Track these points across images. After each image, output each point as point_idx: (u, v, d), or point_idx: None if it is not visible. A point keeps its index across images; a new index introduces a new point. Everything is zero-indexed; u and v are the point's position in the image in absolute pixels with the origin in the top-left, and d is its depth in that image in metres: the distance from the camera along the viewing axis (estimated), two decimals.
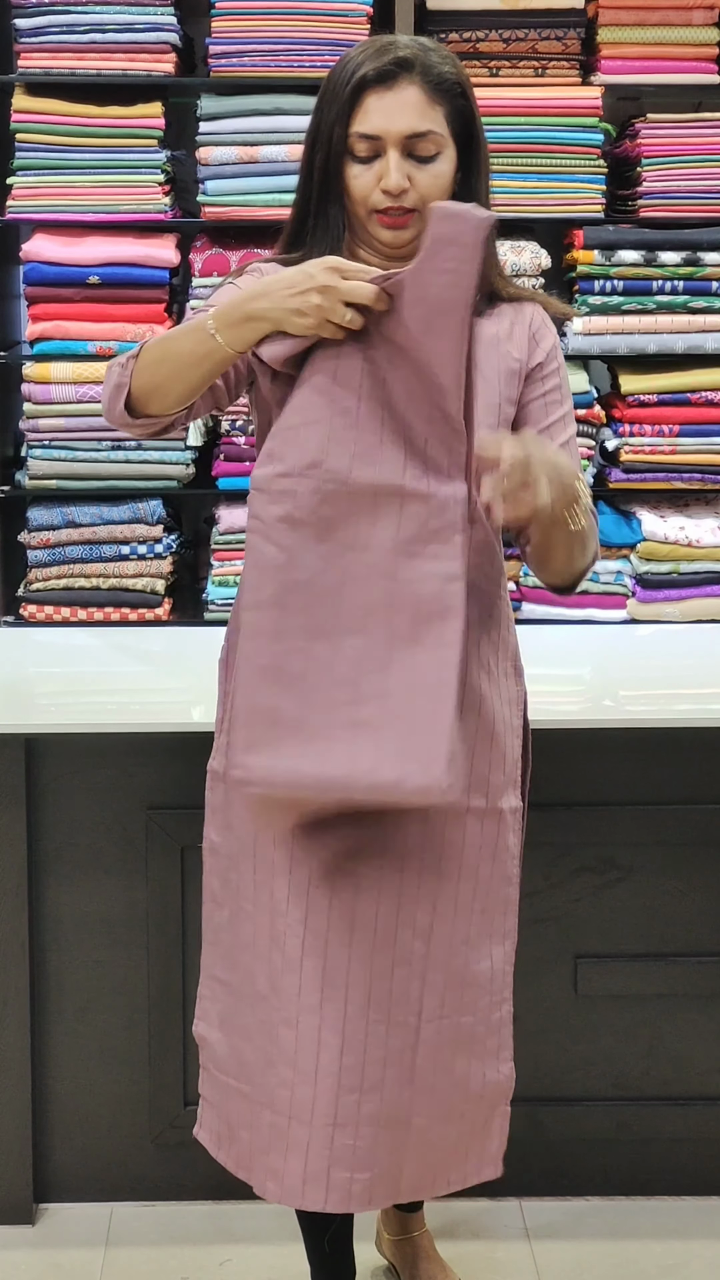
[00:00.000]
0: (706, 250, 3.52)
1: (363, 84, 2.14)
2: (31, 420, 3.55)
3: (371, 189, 2.17)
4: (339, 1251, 2.60)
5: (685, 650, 3.46)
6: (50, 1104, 3.03)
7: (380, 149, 2.16)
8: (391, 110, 2.14)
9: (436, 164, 2.18)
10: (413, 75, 2.15)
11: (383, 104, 2.14)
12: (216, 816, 2.40)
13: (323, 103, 2.20)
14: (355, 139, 2.16)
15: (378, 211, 2.18)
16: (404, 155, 2.15)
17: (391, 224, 2.19)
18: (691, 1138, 3.09)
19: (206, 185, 3.51)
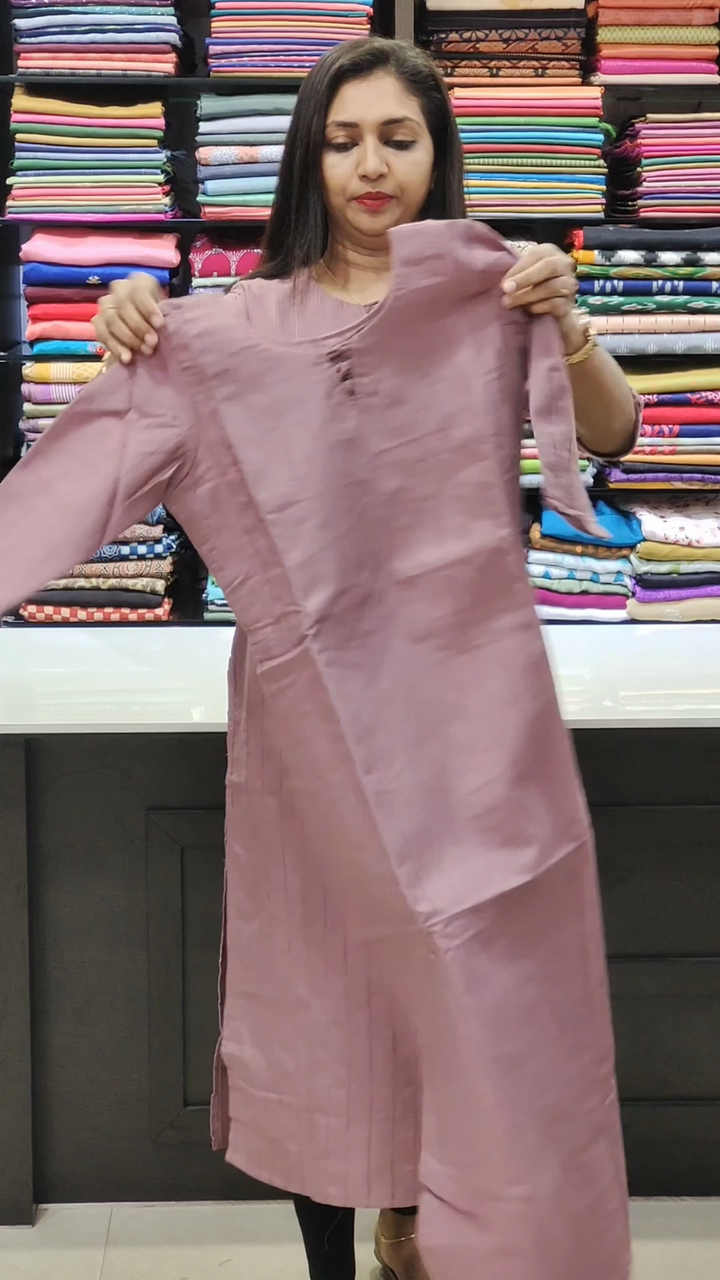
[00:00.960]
0: (706, 250, 3.52)
1: (340, 74, 2.18)
2: (31, 420, 3.55)
3: (349, 176, 2.19)
4: (339, 1249, 2.60)
5: (685, 650, 3.46)
6: (50, 1104, 3.04)
7: (357, 136, 2.18)
8: (368, 98, 2.17)
9: (413, 151, 2.20)
10: (388, 66, 2.19)
11: (359, 92, 2.17)
12: (240, 828, 2.35)
13: (301, 101, 2.22)
14: (333, 128, 2.18)
15: (355, 199, 2.20)
16: (381, 142, 2.18)
17: (370, 207, 2.19)
18: (692, 1138, 3.09)
19: (206, 185, 3.51)
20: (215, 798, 2.87)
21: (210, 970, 2.61)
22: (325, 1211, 2.52)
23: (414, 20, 3.47)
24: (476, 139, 3.45)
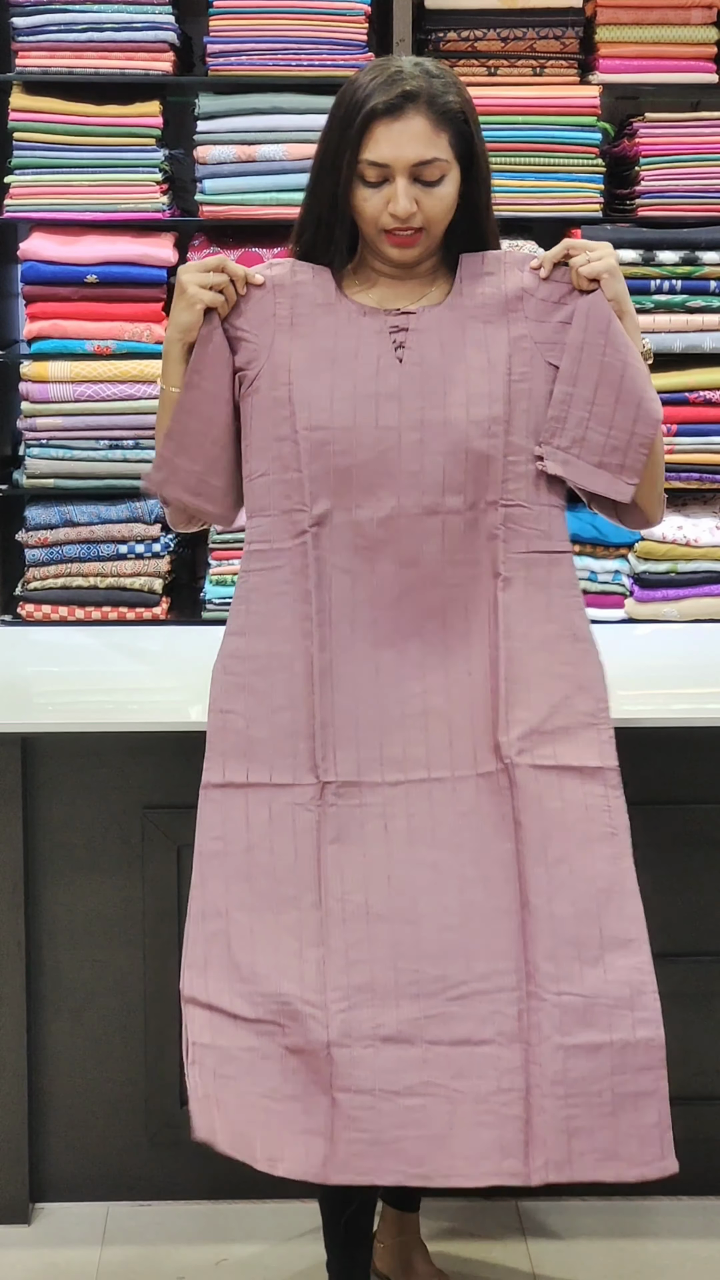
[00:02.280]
0: (704, 249, 3.52)
1: (372, 115, 2.26)
2: (29, 419, 3.55)
3: (380, 211, 2.29)
4: (355, 1236, 2.57)
5: (683, 650, 3.46)
6: (46, 1103, 3.03)
7: (389, 175, 2.28)
8: (399, 140, 2.26)
9: (441, 187, 2.30)
10: (419, 106, 2.27)
11: (390, 134, 2.26)
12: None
13: (332, 127, 2.32)
14: (365, 166, 2.28)
15: (386, 231, 2.30)
16: (411, 181, 2.28)
17: (399, 243, 2.31)
18: (689, 1138, 3.07)
19: (204, 184, 3.51)
20: None
21: None
22: (345, 1193, 2.48)
23: (412, 19, 3.47)
24: None
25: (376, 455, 2.31)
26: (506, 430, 2.33)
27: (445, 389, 2.32)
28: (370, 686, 2.33)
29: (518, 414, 2.34)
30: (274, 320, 2.35)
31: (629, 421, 2.33)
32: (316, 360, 2.33)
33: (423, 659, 2.34)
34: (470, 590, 2.34)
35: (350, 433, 2.31)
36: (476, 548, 2.34)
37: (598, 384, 2.33)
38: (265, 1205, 3.02)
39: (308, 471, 2.32)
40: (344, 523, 2.32)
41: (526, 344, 2.35)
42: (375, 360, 2.32)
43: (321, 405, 2.31)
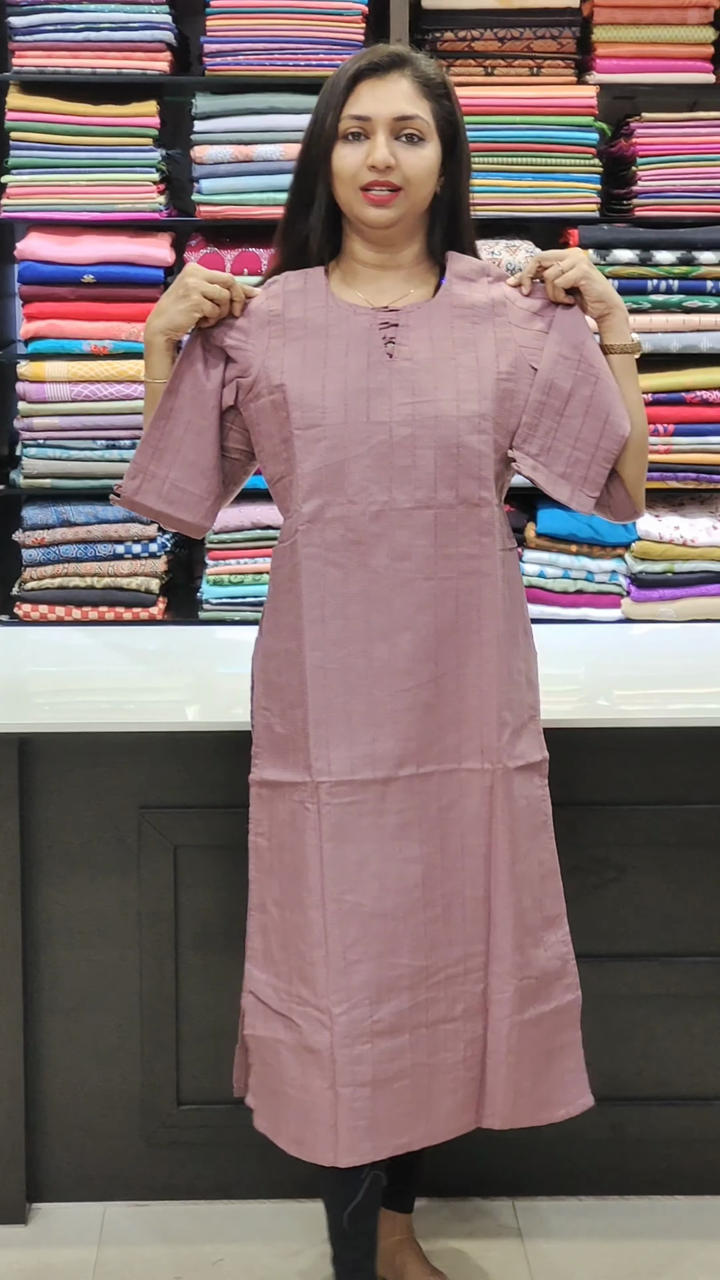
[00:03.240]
0: (701, 249, 3.52)
1: (358, 75, 2.32)
2: (26, 419, 3.55)
3: (359, 166, 2.32)
4: (360, 1230, 2.56)
5: (680, 650, 3.45)
6: (43, 1103, 3.03)
7: (370, 129, 2.31)
8: (382, 95, 2.31)
9: (422, 148, 2.33)
10: (404, 70, 2.34)
11: (374, 90, 2.32)
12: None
13: (319, 104, 2.36)
14: (346, 120, 2.31)
15: (364, 190, 2.32)
16: (391, 137, 2.31)
17: (376, 201, 2.32)
18: (685, 1138, 3.09)
19: (201, 184, 3.51)
20: (209, 797, 2.87)
21: (203, 970, 2.62)
22: (348, 1187, 2.50)
23: (409, 19, 3.47)
24: (471, 138, 3.36)
25: (368, 450, 2.34)
26: (494, 427, 2.37)
27: (436, 384, 2.35)
28: (363, 680, 2.37)
29: (502, 413, 2.38)
30: (268, 328, 2.38)
31: (595, 435, 2.39)
32: (309, 360, 2.36)
33: (414, 652, 2.37)
34: (460, 584, 2.38)
35: (342, 428, 2.34)
36: (467, 542, 2.38)
37: (568, 397, 2.39)
38: (262, 1205, 3.02)
39: (300, 469, 2.35)
40: (337, 517, 2.36)
41: (511, 346, 2.39)
42: (366, 357, 2.35)
43: (314, 403, 2.34)
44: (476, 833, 2.42)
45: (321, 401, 2.34)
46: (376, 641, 2.37)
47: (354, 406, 2.34)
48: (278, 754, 2.45)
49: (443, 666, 2.38)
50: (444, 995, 2.43)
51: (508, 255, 3.46)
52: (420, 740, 2.38)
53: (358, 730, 2.37)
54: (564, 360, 2.38)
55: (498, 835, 2.43)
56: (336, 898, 2.38)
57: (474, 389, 2.35)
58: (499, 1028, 2.45)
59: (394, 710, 2.37)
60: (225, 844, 2.83)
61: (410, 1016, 2.41)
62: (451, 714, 2.39)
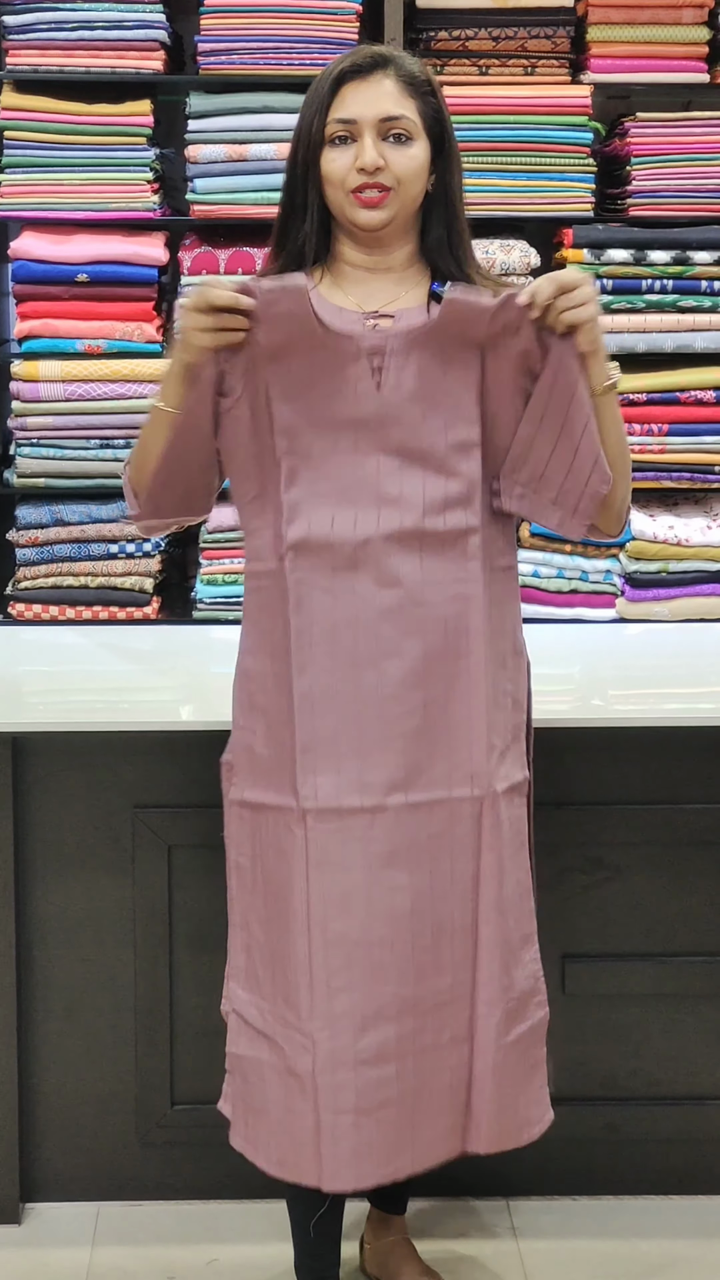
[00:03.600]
0: (696, 249, 3.52)
1: (341, 77, 2.30)
2: (19, 418, 3.54)
3: (348, 170, 2.30)
4: (324, 1238, 2.59)
5: (674, 650, 3.45)
6: (37, 1103, 3.03)
7: (356, 132, 2.29)
8: (367, 97, 2.29)
9: (410, 147, 2.31)
10: (387, 69, 2.32)
11: (358, 92, 2.30)
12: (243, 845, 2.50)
13: (304, 105, 2.34)
14: (333, 124, 2.29)
15: (355, 192, 2.30)
16: (379, 138, 2.29)
17: (367, 203, 2.30)
18: (680, 1138, 3.09)
19: (195, 183, 3.51)
20: (203, 796, 2.86)
21: (197, 969, 2.62)
22: (314, 1197, 2.52)
23: (403, 18, 3.46)
24: (466, 137, 3.41)
25: (356, 481, 2.32)
26: (482, 455, 2.35)
27: (424, 413, 2.32)
28: (351, 707, 2.34)
29: (490, 440, 2.35)
30: (252, 347, 2.30)
31: (585, 473, 2.35)
32: (294, 385, 2.31)
33: (403, 679, 2.34)
34: (448, 610, 2.35)
35: (330, 458, 2.32)
36: (455, 569, 2.35)
37: (559, 435, 2.34)
38: (256, 1205, 3.01)
39: (286, 497, 2.32)
40: (323, 545, 2.32)
41: (502, 374, 2.33)
42: (353, 386, 2.31)
43: (300, 431, 2.32)
44: (465, 859, 2.39)
45: (309, 428, 2.31)
46: (364, 668, 2.33)
47: (342, 438, 2.32)
48: (260, 775, 2.41)
49: (431, 693, 2.35)
50: (431, 1023, 2.40)
51: (502, 255, 3.45)
52: (409, 769, 2.35)
53: (346, 758, 2.34)
54: (559, 399, 2.32)
55: (486, 861, 2.40)
56: (322, 925, 2.35)
57: (463, 415, 2.33)
58: (486, 1052, 2.43)
59: (383, 737, 2.34)
60: (219, 844, 2.82)
61: (397, 1046, 2.38)
62: (441, 740, 2.36)
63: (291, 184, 2.36)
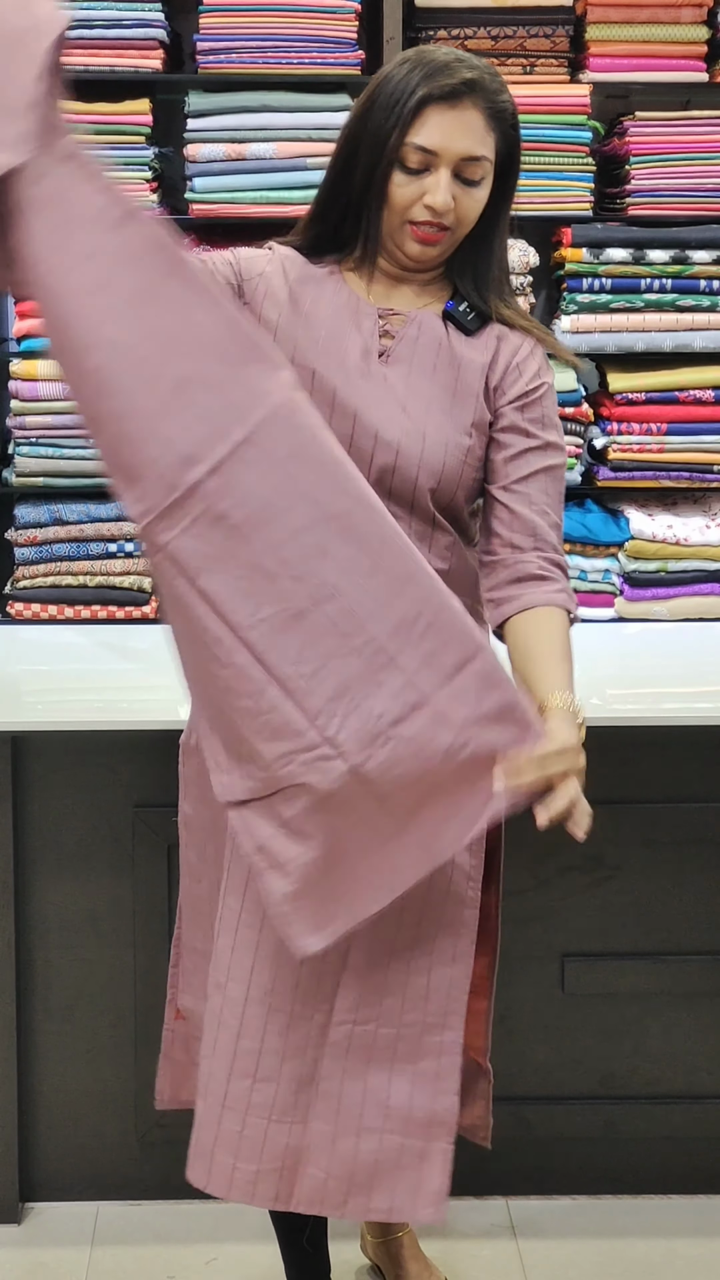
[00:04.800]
0: (695, 248, 3.52)
1: (428, 98, 2.15)
2: (18, 417, 3.54)
3: (413, 201, 2.19)
4: (317, 1250, 2.60)
5: (673, 649, 3.46)
6: (36, 1102, 3.03)
7: (432, 164, 2.17)
8: (453, 130, 2.16)
9: (479, 189, 2.21)
10: (476, 98, 2.17)
11: (445, 121, 2.16)
12: (190, 789, 2.43)
13: (375, 108, 2.19)
14: (410, 149, 2.17)
15: (413, 224, 2.21)
16: (453, 175, 2.18)
17: (424, 239, 2.22)
18: (677, 1136, 3.09)
19: (194, 182, 3.51)
20: None
21: None
22: (300, 1214, 2.50)
23: (402, 17, 3.46)
24: None
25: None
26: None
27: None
28: None
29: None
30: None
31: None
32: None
33: None
34: None
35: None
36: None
37: None
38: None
39: None
40: None
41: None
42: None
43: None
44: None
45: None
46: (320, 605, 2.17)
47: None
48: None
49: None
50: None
51: None
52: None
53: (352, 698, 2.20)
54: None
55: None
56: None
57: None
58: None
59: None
60: None
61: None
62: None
63: (343, 185, 2.24)
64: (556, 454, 2.31)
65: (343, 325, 2.27)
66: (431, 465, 2.24)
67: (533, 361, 2.31)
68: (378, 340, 2.27)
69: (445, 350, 2.28)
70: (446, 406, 2.26)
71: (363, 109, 2.21)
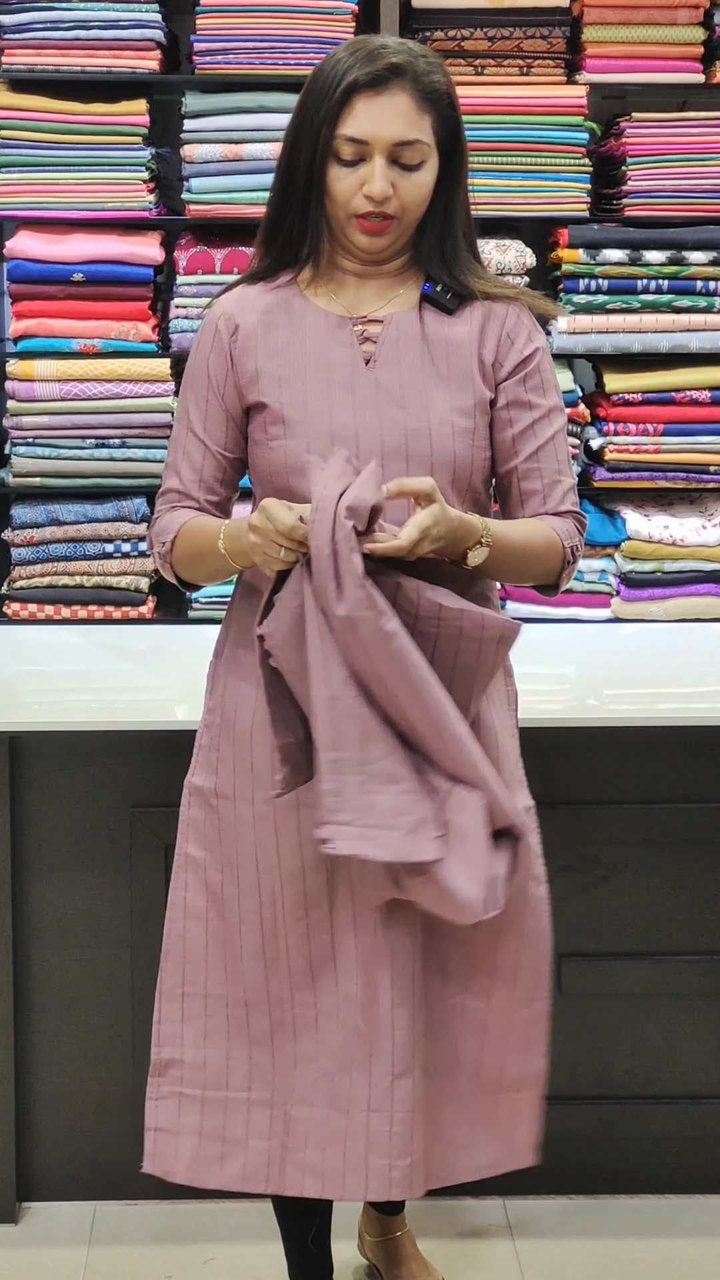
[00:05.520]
0: (691, 249, 3.52)
1: (353, 87, 2.16)
2: (15, 418, 3.54)
3: (354, 193, 2.20)
4: (320, 1250, 2.60)
5: (669, 649, 3.46)
6: (33, 1102, 3.03)
7: (366, 154, 2.18)
8: (381, 116, 2.16)
9: (420, 173, 2.21)
10: (404, 82, 2.17)
11: (372, 109, 2.16)
12: (199, 831, 2.39)
13: (308, 101, 2.21)
14: (341, 141, 2.17)
15: (358, 216, 2.21)
16: (389, 162, 2.18)
17: (370, 229, 2.22)
18: (675, 1136, 3.10)
19: (191, 183, 3.51)
20: None
21: None
22: (307, 1214, 2.53)
23: (399, 18, 3.46)
24: None
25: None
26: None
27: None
28: None
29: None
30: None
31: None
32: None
33: None
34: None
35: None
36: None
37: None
38: (252, 1205, 3.01)
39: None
40: None
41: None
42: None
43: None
44: None
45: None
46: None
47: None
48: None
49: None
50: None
51: (498, 255, 3.45)
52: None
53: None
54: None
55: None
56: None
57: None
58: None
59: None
60: None
61: None
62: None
63: (288, 186, 2.25)
64: (559, 416, 2.34)
65: (322, 347, 2.27)
66: (443, 458, 2.25)
67: (522, 327, 2.32)
68: (359, 349, 2.27)
69: (430, 338, 2.28)
70: (445, 394, 2.26)
71: (299, 103, 2.22)
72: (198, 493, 2.35)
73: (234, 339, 2.31)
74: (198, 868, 2.39)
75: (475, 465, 2.29)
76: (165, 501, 2.39)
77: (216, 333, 2.32)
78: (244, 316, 2.31)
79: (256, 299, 2.32)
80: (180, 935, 2.41)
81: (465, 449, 2.26)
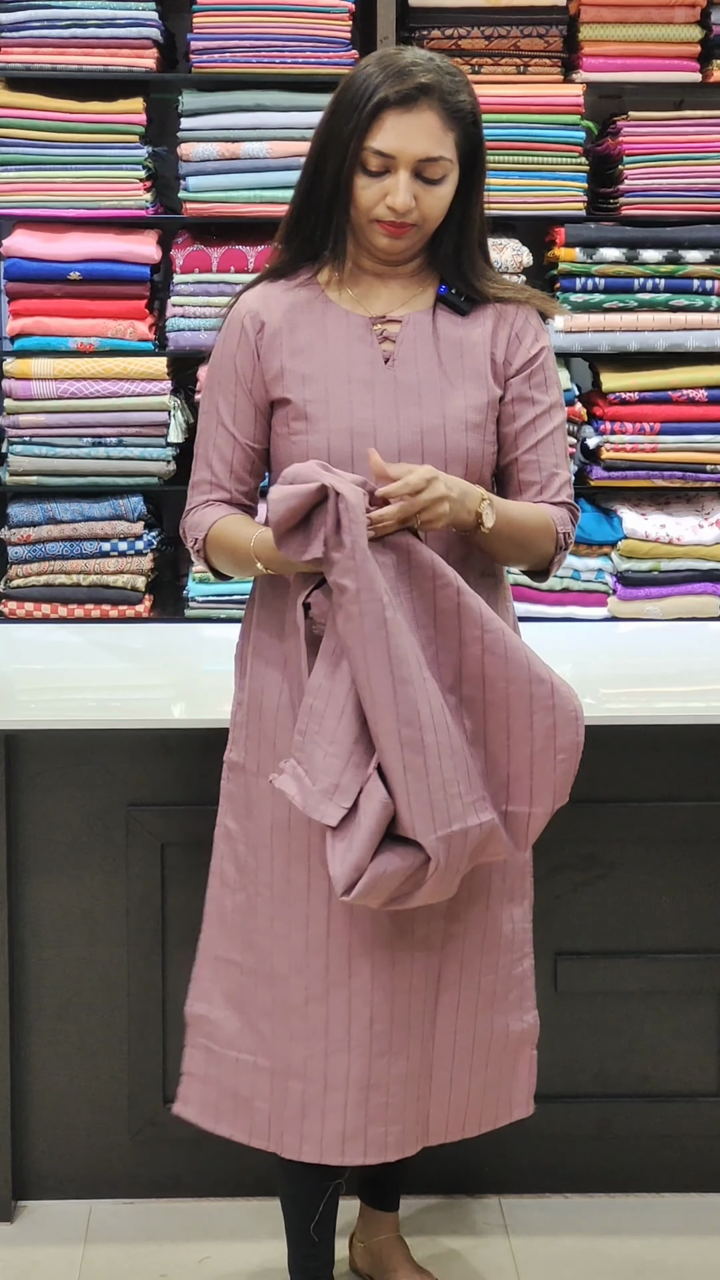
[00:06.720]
0: (688, 248, 3.52)
1: (383, 104, 2.27)
2: (12, 416, 3.54)
3: (377, 201, 2.32)
4: (324, 1240, 2.61)
5: (666, 648, 3.46)
6: (29, 1101, 3.03)
7: (391, 166, 2.30)
8: (408, 133, 2.28)
9: (441, 186, 2.33)
10: (431, 100, 2.29)
11: (400, 125, 2.28)
12: (235, 804, 2.51)
13: (338, 111, 2.32)
14: (369, 154, 2.29)
15: (378, 221, 2.33)
16: (412, 176, 2.30)
17: (390, 232, 2.34)
18: (671, 1134, 3.10)
19: (188, 181, 3.50)
20: (196, 794, 2.87)
21: (189, 968, 2.61)
22: (312, 1201, 2.56)
23: (396, 17, 3.46)
24: None
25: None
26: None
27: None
28: None
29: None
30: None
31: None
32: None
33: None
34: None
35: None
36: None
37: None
38: (248, 1203, 3.02)
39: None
40: None
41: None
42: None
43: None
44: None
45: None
46: None
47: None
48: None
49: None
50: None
51: (494, 254, 3.44)
52: None
53: None
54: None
55: None
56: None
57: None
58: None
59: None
60: (211, 842, 2.82)
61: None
62: None
63: (314, 190, 2.36)
64: (559, 412, 2.46)
65: (344, 347, 2.39)
66: (456, 454, 2.37)
67: (530, 328, 2.46)
68: (379, 348, 2.39)
69: (445, 339, 2.40)
70: (459, 392, 2.39)
71: (328, 113, 2.35)
72: (229, 483, 2.47)
73: (260, 336, 2.41)
74: (231, 839, 2.52)
75: (485, 460, 2.42)
76: (198, 492, 2.49)
77: (243, 329, 2.43)
78: (269, 314, 2.42)
79: (280, 297, 2.42)
80: (217, 900, 2.55)
81: (477, 444, 2.39)
